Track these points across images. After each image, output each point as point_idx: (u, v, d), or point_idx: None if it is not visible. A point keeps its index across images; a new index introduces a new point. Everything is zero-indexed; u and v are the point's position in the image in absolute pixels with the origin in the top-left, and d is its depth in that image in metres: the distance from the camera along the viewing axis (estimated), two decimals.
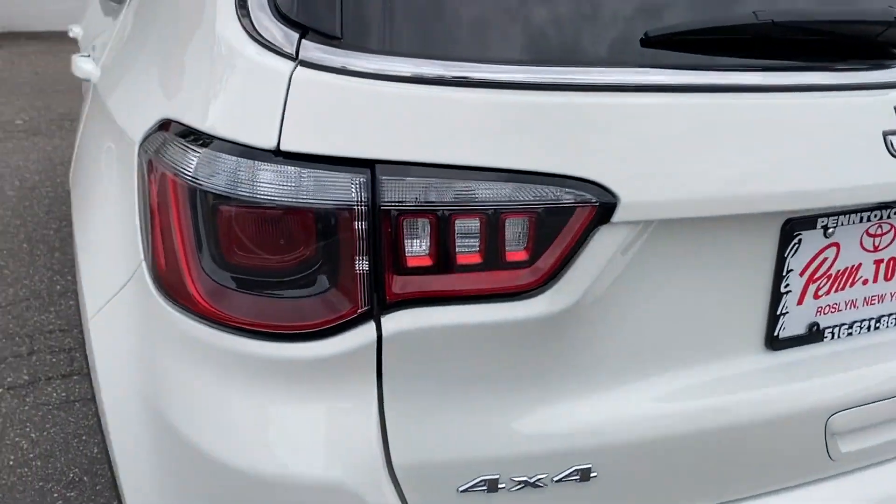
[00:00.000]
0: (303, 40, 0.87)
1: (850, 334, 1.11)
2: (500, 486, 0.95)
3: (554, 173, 0.86)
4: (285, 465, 0.91)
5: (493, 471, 0.95)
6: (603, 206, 0.87)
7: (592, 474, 0.98)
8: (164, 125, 0.95)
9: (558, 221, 0.87)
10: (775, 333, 1.06)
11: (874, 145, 0.97)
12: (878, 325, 1.13)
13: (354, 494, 0.91)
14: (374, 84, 0.84)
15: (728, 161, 0.91)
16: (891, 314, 1.13)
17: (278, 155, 0.84)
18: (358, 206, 0.84)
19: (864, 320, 1.12)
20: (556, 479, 0.96)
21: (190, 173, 0.88)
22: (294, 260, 0.87)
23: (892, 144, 0.97)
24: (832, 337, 1.10)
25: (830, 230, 1.04)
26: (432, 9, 0.88)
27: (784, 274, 1.04)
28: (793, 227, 1.02)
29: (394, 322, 0.88)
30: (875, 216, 1.06)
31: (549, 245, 0.88)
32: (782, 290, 1.04)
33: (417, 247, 0.87)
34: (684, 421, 1.00)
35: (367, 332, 0.88)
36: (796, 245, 1.03)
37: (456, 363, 0.92)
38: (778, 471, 1.08)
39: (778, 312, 1.05)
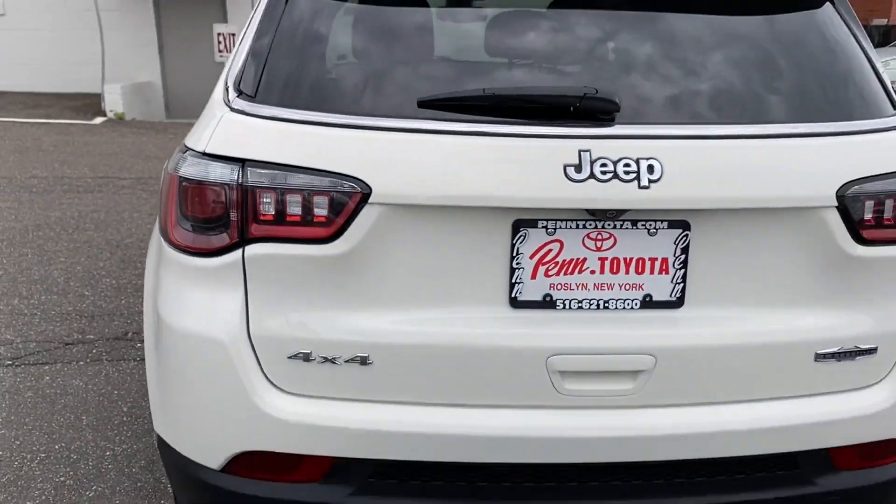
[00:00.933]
0: (236, 98, 1.59)
1: (580, 307, 1.58)
2: (310, 358, 1.57)
3: (341, 173, 1.48)
4: (193, 325, 1.60)
5: (307, 348, 1.56)
6: (363, 193, 1.48)
7: (369, 361, 1.56)
8: (182, 149, 1.71)
9: (342, 199, 1.48)
10: (513, 296, 1.57)
11: (559, 174, 1.47)
12: (607, 305, 1.59)
13: (225, 347, 1.58)
14: (254, 119, 1.54)
15: (459, 175, 1.47)
16: (616, 297, 1.59)
17: (205, 156, 1.56)
18: (235, 183, 1.53)
19: (594, 300, 1.59)
20: (345, 360, 1.56)
21: (173, 167, 1.62)
22: (206, 211, 1.58)
23: (568, 173, 1.47)
24: (563, 307, 1.58)
25: (551, 230, 1.54)
26: (291, 84, 1.54)
27: (515, 255, 1.54)
28: (518, 225, 1.52)
29: (252, 249, 1.54)
30: (590, 224, 1.54)
31: (338, 213, 1.50)
32: (514, 266, 1.55)
33: (265, 208, 1.53)
34: (435, 338, 1.55)
35: (237, 254, 1.55)
36: (523, 237, 1.53)
37: (288, 278, 1.55)
38: (510, 390, 1.59)
39: (513, 281, 1.56)
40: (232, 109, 1.58)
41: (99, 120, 11.30)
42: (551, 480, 1.62)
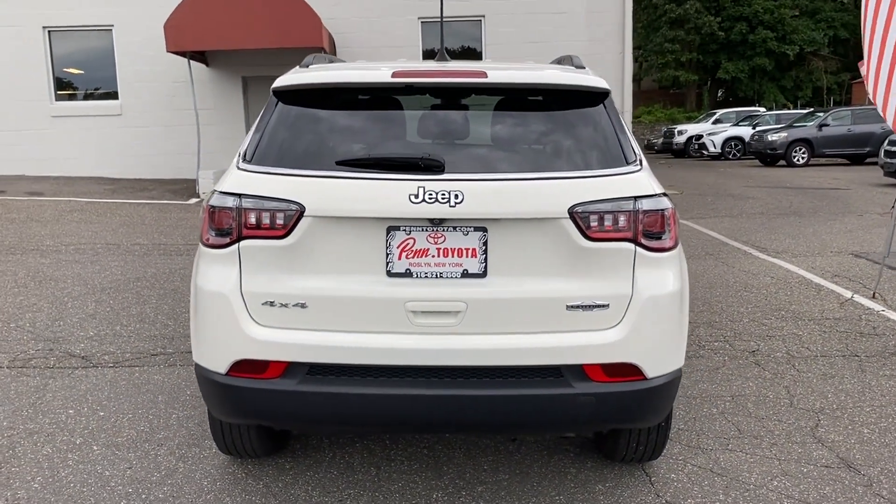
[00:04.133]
0: (241, 162, 2.87)
1: (426, 276, 2.73)
2: (273, 304, 2.74)
3: (291, 199, 2.70)
4: (213, 287, 2.81)
5: (272, 299, 2.72)
6: (301, 211, 2.70)
7: (306, 306, 2.75)
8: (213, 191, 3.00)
9: (290, 214, 2.67)
10: (388, 269, 2.73)
11: (406, 199, 2.66)
12: (441, 274, 2.74)
13: (228, 298, 2.76)
14: (249, 173, 2.79)
15: (355, 200, 2.68)
16: (446, 271, 2.73)
17: (222, 194, 2.83)
18: (237, 208, 2.79)
19: (434, 272, 2.73)
20: (292, 305, 2.75)
21: (206, 201, 2.91)
22: (221, 224, 2.83)
23: (411, 198, 2.65)
24: (416, 276, 2.72)
25: (408, 231, 2.70)
26: (269, 154, 2.79)
27: (388, 247, 2.73)
28: (389, 228, 2.70)
29: (243, 244, 2.73)
30: (430, 228, 2.71)
31: (288, 222, 2.72)
32: (388, 253, 2.73)
33: (250, 221, 2.76)
34: (344, 293, 2.69)
35: (236, 247, 2.75)
36: (392, 235, 2.71)
37: (261, 259, 2.73)
38: (386, 322, 2.72)
39: (388, 261, 2.73)
40: (238, 168, 2.85)
41: (193, 200, 13.12)
42: (410, 374, 2.74)
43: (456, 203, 2.64)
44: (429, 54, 14.28)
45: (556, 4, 14.05)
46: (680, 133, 30.94)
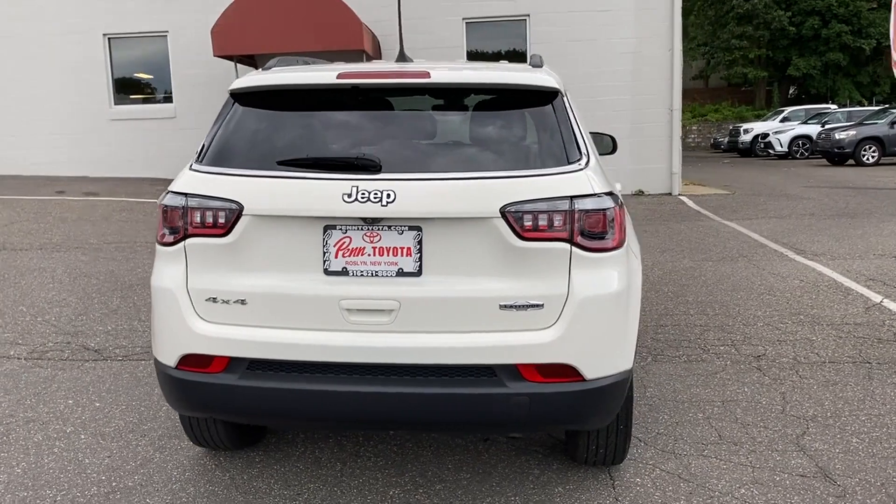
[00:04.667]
0: (194, 162, 2.95)
1: (362, 275, 2.76)
2: (216, 300, 2.81)
3: (231, 199, 2.76)
4: (163, 284, 2.91)
5: (214, 295, 2.79)
6: (240, 210, 2.77)
7: (245, 303, 2.82)
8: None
9: (231, 213, 2.75)
10: (325, 268, 2.77)
11: (340, 199, 2.69)
12: (376, 273, 2.76)
13: (174, 293, 2.84)
14: (196, 173, 2.87)
15: (292, 199, 2.73)
16: (381, 270, 2.75)
17: (172, 193, 2.92)
18: (183, 207, 2.88)
19: (369, 270, 2.76)
20: (233, 301, 2.82)
21: (162, 199, 3.01)
22: (171, 224, 2.92)
23: (345, 198, 2.69)
24: (352, 274, 2.75)
25: (344, 230, 2.74)
26: (214, 155, 2.86)
27: (325, 245, 2.76)
28: (326, 227, 2.74)
29: (189, 241, 2.80)
30: (365, 228, 2.74)
31: (228, 220, 2.78)
32: (325, 251, 2.77)
33: (196, 220, 2.84)
34: (282, 290, 2.75)
35: (182, 244, 2.83)
36: (329, 234, 2.75)
37: (205, 257, 2.80)
38: (322, 320, 2.76)
39: (325, 260, 2.77)
40: (190, 169, 2.94)
41: None
42: (345, 372, 2.77)
43: (388, 202, 2.67)
44: (473, 55, 14.29)
45: (602, 2, 13.87)
46: (746, 132, 30.05)
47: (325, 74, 2.95)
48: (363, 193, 2.68)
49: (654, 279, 7.19)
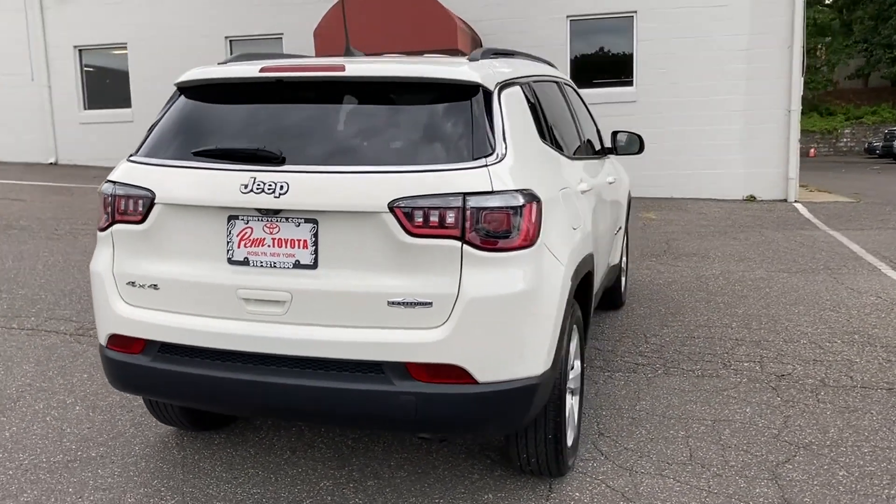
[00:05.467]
0: (131, 155, 3.10)
1: (261, 265, 2.78)
2: (135, 285, 2.93)
3: (146, 187, 2.89)
4: (95, 266, 3.06)
5: (133, 279, 2.90)
6: (154, 197, 2.88)
7: (158, 287, 2.92)
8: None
9: (147, 201, 2.88)
10: (229, 257, 2.83)
11: (238, 190, 2.74)
12: (275, 264, 2.78)
13: (103, 276, 2.98)
14: (127, 163, 3.02)
15: (199, 189, 2.81)
16: (280, 261, 2.77)
17: (108, 182, 3.08)
18: (112, 195, 3.02)
19: (268, 261, 2.77)
20: (147, 286, 2.92)
21: (101, 188, 3.18)
22: (105, 211, 3.08)
23: (242, 188, 2.73)
24: (253, 264, 2.78)
25: (246, 221, 2.77)
26: (144, 148, 3.00)
27: (229, 235, 2.81)
28: (230, 217, 2.79)
29: (114, 228, 2.94)
30: (265, 219, 2.77)
31: (143, 208, 2.88)
32: (228, 241, 2.82)
33: (120, 207, 2.97)
34: (189, 277, 2.84)
35: (110, 230, 2.98)
36: (233, 224, 2.80)
37: (126, 243, 2.93)
38: (223, 308, 2.80)
39: (228, 249, 2.82)
40: (127, 160, 3.09)
41: None
42: (241, 360, 2.81)
43: (281, 194, 2.69)
44: (578, 55, 13.99)
45: None
46: None
47: (248, 69, 3.01)
48: (259, 185, 2.71)
49: (711, 289, 6.78)
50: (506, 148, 2.80)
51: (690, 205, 12.67)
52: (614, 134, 5.22)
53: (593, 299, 3.77)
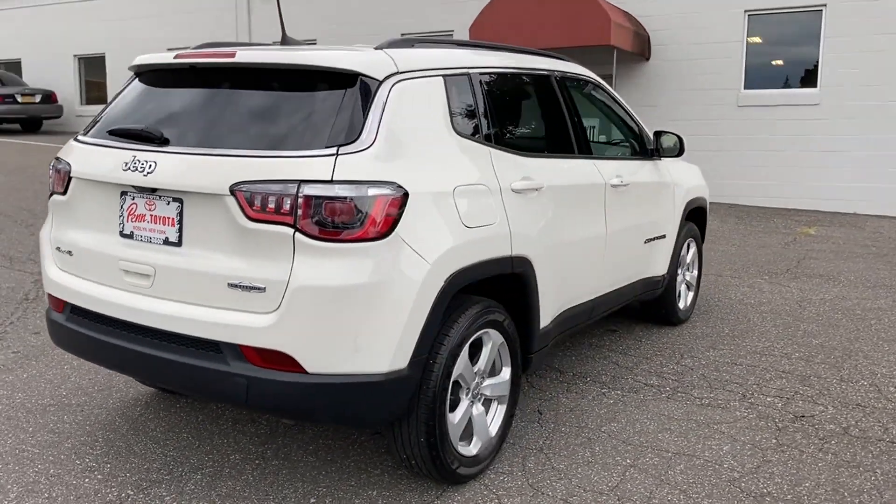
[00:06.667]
0: (80, 136, 3.41)
1: (140, 239, 2.93)
2: (60, 250, 3.20)
3: (67, 161, 3.20)
4: (41, 232, 3.41)
5: (58, 245, 3.18)
6: (70, 171, 3.15)
7: (72, 254, 3.14)
8: None
9: (66, 175, 3.18)
10: (120, 231, 3.01)
11: (120, 167, 2.92)
12: (150, 239, 2.91)
13: (43, 241, 3.31)
14: (74, 143, 3.31)
15: (100, 166, 3.05)
16: (154, 237, 2.91)
17: (55, 158, 3.42)
18: (54, 168, 3.33)
19: (146, 236, 2.90)
20: (64, 252, 3.15)
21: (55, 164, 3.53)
22: (49, 182, 3.41)
23: (123, 166, 2.90)
24: (135, 238, 2.94)
25: (133, 197, 2.94)
26: (91, 127, 3.31)
27: (121, 210, 3.00)
28: (122, 193, 2.98)
29: (52, 199, 3.26)
30: (146, 197, 2.91)
31: (64, 181, 3.18)
32: (120, 215, 3.01)
33: (55, 182, 3.28)
34: (92, 246, 3.08)
35: (50, 200, 3.33)
36: (124, 199, 2.97)
37: (56, 212, 3.27)
38: (112, 278, 3.02)
39: (120, 223, 3.01)
40: (73, 139, 3.40)
41: None
42: (119, 327, 2.98)
43: (148, 172, 2.85)
44: (755, 52, 12.89)
45: None
46: None
47: (168, 55, 3.19)
48: (136, 163, 2.89)
49: (804, 314, 6.02)
50: (375, 138, 2.74)
51: (870, 222, 11.22)
52: (657, 134, 4.83)
53: (538, 309, 3.54)
